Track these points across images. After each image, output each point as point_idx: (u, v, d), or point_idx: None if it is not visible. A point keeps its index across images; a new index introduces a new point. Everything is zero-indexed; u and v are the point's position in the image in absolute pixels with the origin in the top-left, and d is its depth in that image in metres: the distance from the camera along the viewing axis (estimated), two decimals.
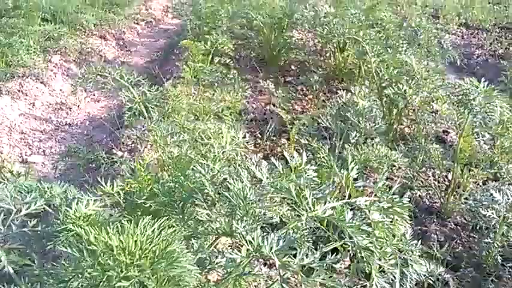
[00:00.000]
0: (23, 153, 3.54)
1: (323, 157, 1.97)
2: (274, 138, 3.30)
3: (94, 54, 5.97)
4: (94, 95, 4.88)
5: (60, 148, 3.69)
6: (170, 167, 1.61)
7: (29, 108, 4.17)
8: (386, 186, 1.42)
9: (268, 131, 3.27)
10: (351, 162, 1.50)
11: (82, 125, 4.14)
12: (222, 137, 1.57)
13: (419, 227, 2.47)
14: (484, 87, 2.07)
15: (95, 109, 4.54)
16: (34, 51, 4.62)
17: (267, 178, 1.28)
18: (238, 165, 1.35)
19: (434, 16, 9.65)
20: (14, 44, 4.08)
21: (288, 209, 1.45)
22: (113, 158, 3.10)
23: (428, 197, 2.62)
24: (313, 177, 1.34)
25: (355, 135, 2.12)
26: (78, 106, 4.52)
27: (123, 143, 3.33)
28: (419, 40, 3.61)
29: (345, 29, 3.72)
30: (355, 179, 1.45)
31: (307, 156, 2.44)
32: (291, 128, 3.10)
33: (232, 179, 1.26)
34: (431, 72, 2.87)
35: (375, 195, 1.34)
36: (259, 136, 3.35)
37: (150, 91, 2.39)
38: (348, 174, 1.40)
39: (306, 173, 1.35)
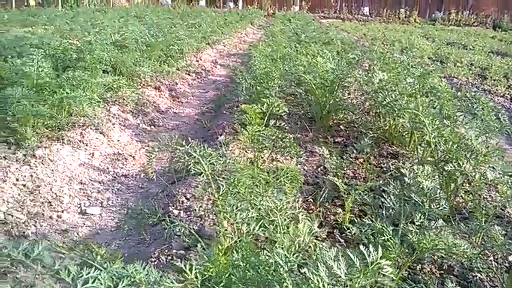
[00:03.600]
0: (81, 204, 3.68)
1: (388, 239, 1.97)
2: (327, 204, 3.31)
3: (149, 104, 6.25)
4: (148, 146, 5.07)
5: (117, 200, 3.82)
6: (241, 246, 1.65)
7: (88, 159, 4.37)
8: None
9: (321, 196, 3.29)
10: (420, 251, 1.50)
11: (137, 177, 4.29)
12: (296, 225, 1.61)
13: None
14: None
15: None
16: (95, 103, 4.87)
17: (345, 275, 1.30)
18: (315, 257, 1.38)
19: (481, 76, 9.60)
20: (79, 98, 4.33)
21: None
22: (169, 216, 3.19)
23: (488, 279, 2.55)
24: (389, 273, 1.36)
25: (420, 217, 2.11)
26: (134, 157, 4.70)
27: (178, 201, 3.41)
28: (475, 110, 3.60)
29: (398, 96, 3.77)
30: None
31: (364, 231, 2.45)
32: (344, 193, 3.11)
33: (311, 273, 1.29)
34: (491, 149, 2.85)
35: None
36: (311, 201, 3.37)
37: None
38: None
39: (382, 269, 1.37)
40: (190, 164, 3.52)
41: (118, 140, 4.93)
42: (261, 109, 3.61)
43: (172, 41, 8.18)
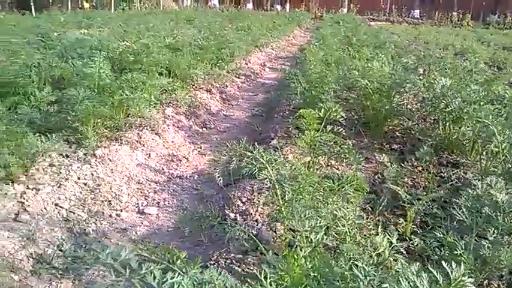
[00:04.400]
0: (139, 204, 3.76)
1: (460, 254, 1.89)
2: (386, 213, 3.22)
3: (201, 107, 6.32)
4: (201, 148, 5.13)
5: (172, 201, 3.88)
6: (314, 256, 1.62)
7: (145, 159, 4.46)
8: None
9: (380, 205, 3.20)
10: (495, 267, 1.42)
11: (191, 178, 4.34)
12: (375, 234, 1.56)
13: None
14: None
15: (202, 163, 4.75)
16: (152, 105, 4.98)
17: None
18: (396, 272, 1.33)
19: None
20: (138, 99, 4.43)
21: None
22: (225, 219, 3.20)
23: None
24: None
25: (493, 232, 2.00)
26: (187, 159, 4.76)
27: (234, 204, 3.42)
28: None
29: (462, 103, 3.63)
30: None
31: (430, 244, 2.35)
32: (406, 203, 3.01)
33: None
34: None
35: None
36: (370, 209, 3.29)
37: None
38: None
39: (465, 287, 1.30)
40: (246, 168, 3.52)
41: (172, 142, 5.01)
42: (319, 114, 3.56)
43: (224, 44, 8.26)
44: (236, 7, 29.40)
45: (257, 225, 3.07)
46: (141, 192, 3.95)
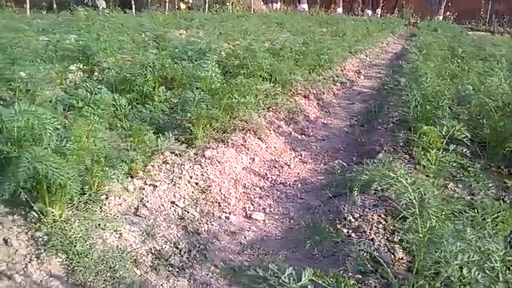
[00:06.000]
0: (246, 208, 3.80)
1: None
2: None
3: (299, 113, 6.29)
4: (301, 155, 5.09)
5: (277, 208, 3.87)
6: None
7: (249, 163, 4.51)
8: None
9: None
10: None
11: (294, 186, 4.31)
12: None
13: None
14: None
15: (303, 170, 4.71)
16: (258, 109, 5.02)
17: None
18: None
19: None
20: (247, 103, 4.49)
21: None
22: (338, 234, 3.12)
23: None
24: None
25: None
26: (289, 166, 4.75)
27: (345, 219, 3.33)
28: None
29: None
30: None
31: None
32: None
33: None
34: None
35: None
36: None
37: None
38: None
39: None
40: (357, 180, 3.40)
41: (275, 147, 5.02)
42: (441, 132, 3.37)
43: (322, 50, 8.17)
44: (326, 11, 29.10)
45: (373, 244, 2.96)
46: (247, 197, 3.99)
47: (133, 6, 22.46)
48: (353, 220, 3.30)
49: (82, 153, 2.72)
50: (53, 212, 2.77)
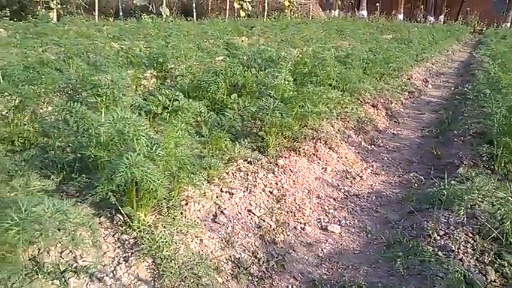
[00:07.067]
0: (321, 219, 3.73)
1: None
2: None
3: (368, 123, 6.14)
4: (372, 166, 4.96)
5: (353, 221, 3.77)
6: None
7: (321, 173, 4.44)
8: None
9: None
10: None
11: (369, 198, 4.19)
12: None
13: None
14: None
15: (376, 182, 4.57)
16: (330, 118, 4.95)
17: None
18: None
19: None
20: (321, 114, 4.43)
21: None
22: (422, 252, 2.99)
23: None
24: None
25: None
26: (361, 177, 4.63)
27: (429, 236, 3.18)
28: None
29: None
30: None
31: None
32: None
33: None
34: None
35: None
36: None
37: None
38: None
39: None
40: (437, 196, 3.24)
41: (346, 157, 4.92)
42: None
43: (390, 58, 7.96)
44: (386, 18, 28.48)
45: (462, 264, 2.80)
46: (321, 208, 3.92)
47: (195, 13, 23.07)
48: (438, 238, 3.15)
49: (170, 160, 2.77)
50: (140, 216, 2.84)
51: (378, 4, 30.93)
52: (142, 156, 2.51)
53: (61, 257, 2.57)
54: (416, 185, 4.31)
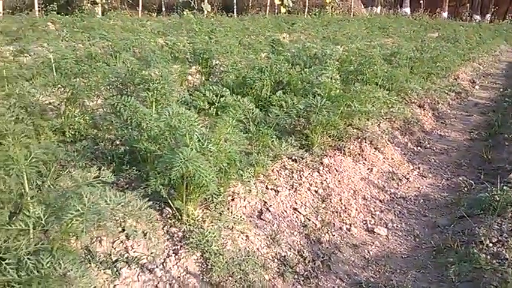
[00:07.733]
0: (367, 221, 3.67)
1: None
2: None
3: (414, 123, 5.99)
4: (419, 168, 4.83)
5: (400, 224, 3.69)
6: None
7: (367, 173, 4.36)
8: None
9: None
10: None
11: (416, 201, 4.09)
12: None
13: None
14: None
15: (423, 185, 4.45)
16: (373, 117, 4.86)
17: None
18: None
19: None
20: (368, 113, 4.36)
21: None
22: (476, 259, 2.89)
23: None
24: None
25: None
26: (408, 179, 4.52)
27: (482, 243, 3.07)
28: None
29: None
30: None
31: None
32: None
33: None
34: None
35: None
36: None
37: None
38: None
39: None
40: (490, 202, 3.12)
41: (392, 158, 4.81)
42: None
43: (438, 57, 7.73)
44: (430, 15, 27.70)
45: None
46: (367, 209, 3.85)
47: (235, 9, 23.14)
48: (491, 245, 3.03)
49: (220, 155, 2.78)
50: (189, 210, 2.87)
51: (421, 1, 30.12)
52: (195, 151, 2.54)
53: (113, 247, 2.64)
54: (466, 189, 4.18)
